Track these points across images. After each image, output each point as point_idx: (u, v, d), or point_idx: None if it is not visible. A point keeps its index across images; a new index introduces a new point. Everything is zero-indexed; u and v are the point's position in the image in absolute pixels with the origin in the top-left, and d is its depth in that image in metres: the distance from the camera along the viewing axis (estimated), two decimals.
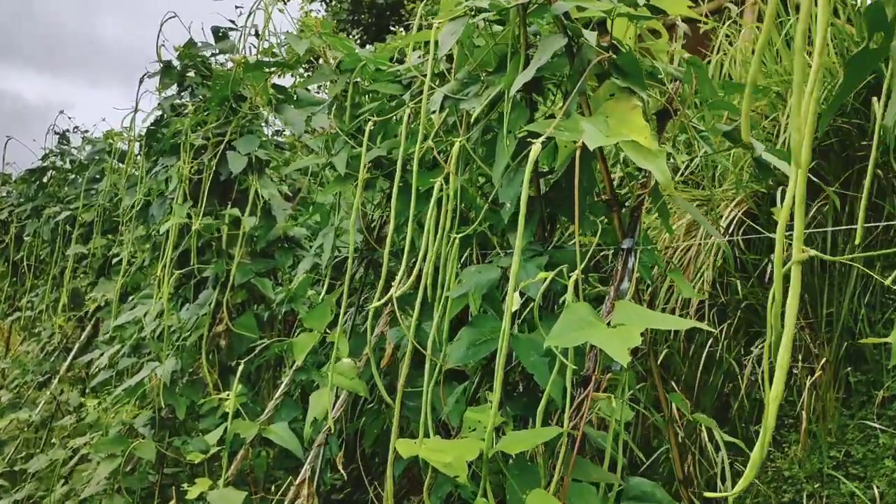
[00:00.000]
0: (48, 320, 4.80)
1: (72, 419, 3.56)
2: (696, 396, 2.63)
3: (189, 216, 2.77)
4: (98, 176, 4.61)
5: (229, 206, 2.84)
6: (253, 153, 2.79)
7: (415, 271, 1.66)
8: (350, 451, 2.68)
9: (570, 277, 1.25)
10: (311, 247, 3.06)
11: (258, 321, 2.87)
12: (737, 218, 2.77)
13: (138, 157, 3.47)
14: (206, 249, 2.96)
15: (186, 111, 2.84)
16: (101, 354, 3.47)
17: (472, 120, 1.62)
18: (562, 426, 1.28)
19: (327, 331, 2.22)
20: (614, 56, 1.44)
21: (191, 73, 2.91)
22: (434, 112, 1.61)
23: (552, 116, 1.40)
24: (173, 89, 3.02)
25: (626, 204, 1.48)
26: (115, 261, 4.24)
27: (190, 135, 2.83)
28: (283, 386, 2.32)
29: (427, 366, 1.48)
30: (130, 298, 3.62)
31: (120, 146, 4.68)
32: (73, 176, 4.91)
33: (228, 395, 2.31)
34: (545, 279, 1.29)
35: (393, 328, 2.03)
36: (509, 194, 1.49)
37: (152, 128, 3.05)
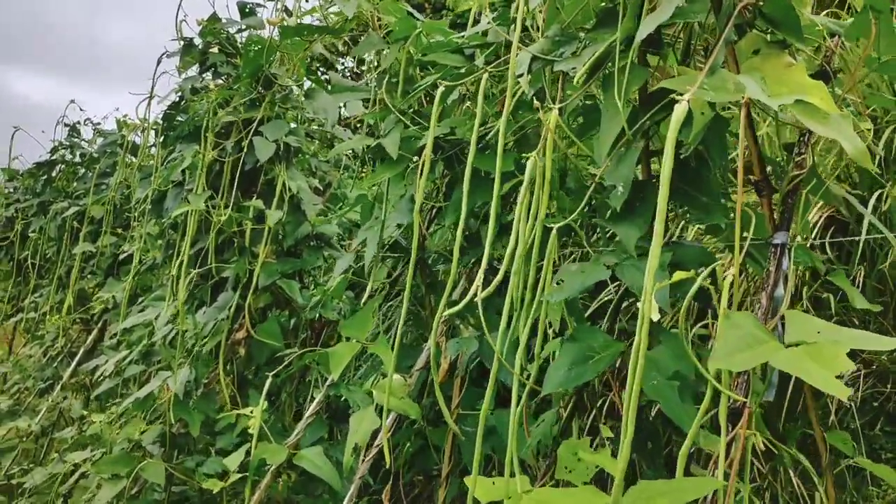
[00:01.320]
0: (52, 321, 4.51)
1: (73, 430, 3.26)
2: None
3: (208, 208, 2.48)
4: (109, 170, 4.33)
5: (254, 198, 2.54)
6: (281, 140, 2.49)
7: (479, 274, 1.36)
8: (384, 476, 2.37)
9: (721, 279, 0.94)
10: (342, 245, 2.77)
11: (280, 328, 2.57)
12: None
13: (153, 146, 3.19)
14: (225, 247, 2.67)
15: (209, 92, 2.55)
16: (107, 361, 3.17)
17: (566, 85, 1.32)
18: (686, 467, 0.97)
19: (367, 341, 1.92)
20: (760, 2, 1.14)
21: (214, 50, 2.63)
22: (521, 75, 1.31)
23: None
24: (194, 70, 2.73)
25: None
26: (125, 258, 3.95)
27: (212, 117, 2.54)
28: (314, 404, 2.01)
29: (514, 388, 1.17)
30: (141, 300, 3.32)
31: (133, 138, 4.41)
32: (83, 170, 4.64)
33: (249, 411, 2.01)
34: (678, 280, 0.98)
35: (451, 339, 1.72)
36: (621, 175, 1.18)
37: (170, 111, 2.76)
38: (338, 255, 2.67)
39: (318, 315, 2.67)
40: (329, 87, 2.67)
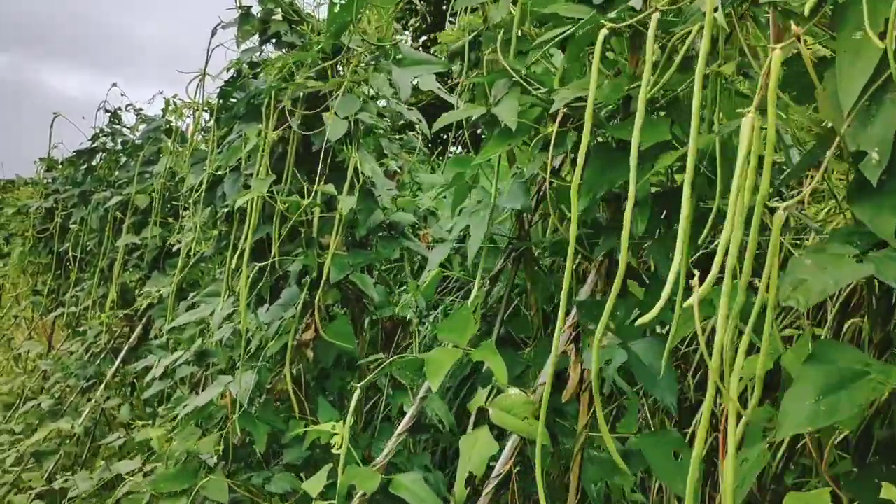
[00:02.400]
0: (94, 318, 4.31)
1: (119, 436, 3.03)
2: None
3: (273, 194, 2.21)
4: (153, 157, 4.10)
5: (321, 183, 2.27)
6: (351, 117, 2.21)
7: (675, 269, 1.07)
8: None
9: None
10: (418, 235, 2.49)
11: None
12: None
13: (206, 128, 2.94)
14: (287, 238, 2.40)
15: (271, 64, 2.28)
16: (159, 360, 2.93)
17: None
18: None
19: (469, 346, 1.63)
20: None
21: (277, 17, 2.35)
22: (717, 10, 1.00)
23: None
24: (254, 41, 2.46)
25: None
26: (175, 250, 3.72)
27: (276, 92, 2.27)
28: (406, 418, 1.73)
29: (731, 418, 0.87)
30: (193, 296, 3.08)
31: (179, 123, 4.17)
32: (125, 158, 4.42)
33: (331, 426, 1.74)
34: None
35: (586, 348, 1.43)
36: (874, 137, 0.88)
37: (226, 87, 2.50)
38: (415, 247, 2.39)
39: (392, 313, 2.40)
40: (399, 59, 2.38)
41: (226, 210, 2.61)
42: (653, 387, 1.27)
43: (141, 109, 4.46)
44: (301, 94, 2.29)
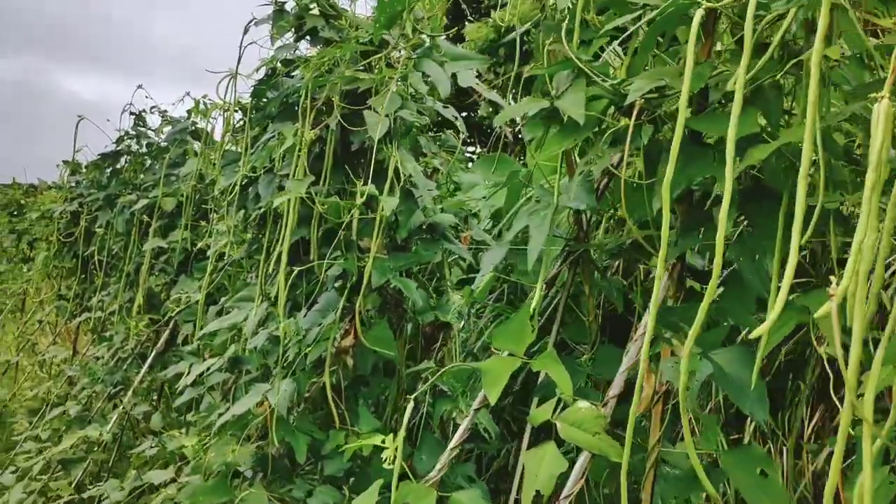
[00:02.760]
0: (120, 322, 4.25)
1: (151, 444, 2.96)
2: None
3: (311, 196, 2.12)
4: (179, 159, 4.03)
5: (360, 183, 2.18)
6: (392, 115, 2.12)
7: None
8: None
9: None
10: (459, 237, 2.40)
11: None
12: None
13: (238, 129, 2.86)
14: (325, 240, 2.31)
15: (307, 61, 2.20)
16: (190, 366, 2.86)
17: None
18: None
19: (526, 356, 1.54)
20: None
21: (314, 11, 2.27)
22: None
23: None
24: (287, 38, 2.38)
25: None
26: (204, 254, 3.65)
27: (312, 90, 2.18)
28: (459, 432, 1.64)
29: (865, 441, 0.77)
30: (224, 301, 3.00)
31: (205, 124, 4.11)
32: (150, 161, 4.36)
33: (381, 440, 1.65)
34: None
35: (663, 358, 1.32)
36: None
37: (259, 86, 2.42)
38: (456, 249, 2.30)
39: (434, 318, 2.30)
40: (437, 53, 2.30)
41: (259, 212, 2.54)
42: (742, 400, 1.17)
43: (165, 111, 4.41)
44: (339, 91, 2.21)
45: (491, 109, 4.37)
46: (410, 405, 1.54)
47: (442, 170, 2.56)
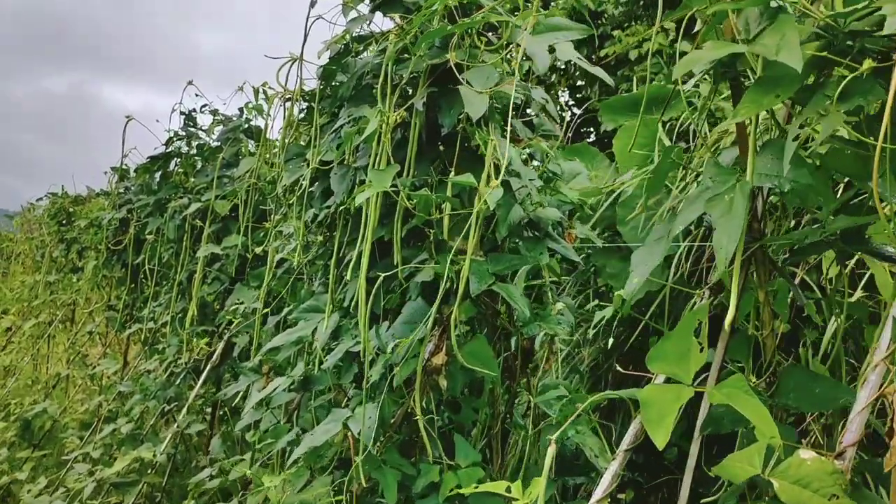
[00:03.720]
0: (173, 335, 4.00)
1: (211, 474, 2.68)
2: None
3: (395, 188, 1.81)
4: (233, 160, 3.77)
5: (453, 173, 1.86)
6: (488, 92, 1.80)
7: None
8: None
9: None
10: (563, 234, 2.06)
11: None
12: None
13: (299, 120, 2.57)
14: (407, 240, 2.00)
15: (387, 35, 1.88)
16: (251, 384, 2.57)
17: None
18: None
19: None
20: None
21: None
22: None
23: None
24: (361, 9, 2.08)
25: None
26: (261, 261, 3.38)
27: (393, 67, 1.87)
28: (604, 481, 1.29)
29: None
30: (287, 311, 2.71)
31: (258, 122, 3.84)
32: (202, 162, 4.11)
33: (460, 465, 1.32)
34: None
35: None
36: None
37: (329, 66, 2.12)
38: (562, 249, 1.96)
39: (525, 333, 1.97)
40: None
41: (328, 211, 2.24)
42: None
43: (217, 110, 4.15)
44: (425, 67, 1.89)
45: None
46: (552, 450, 1.20)
47: (536, 157, 2.22)
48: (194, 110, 4.27)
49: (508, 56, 1.99)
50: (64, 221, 6.76)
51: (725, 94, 3.38)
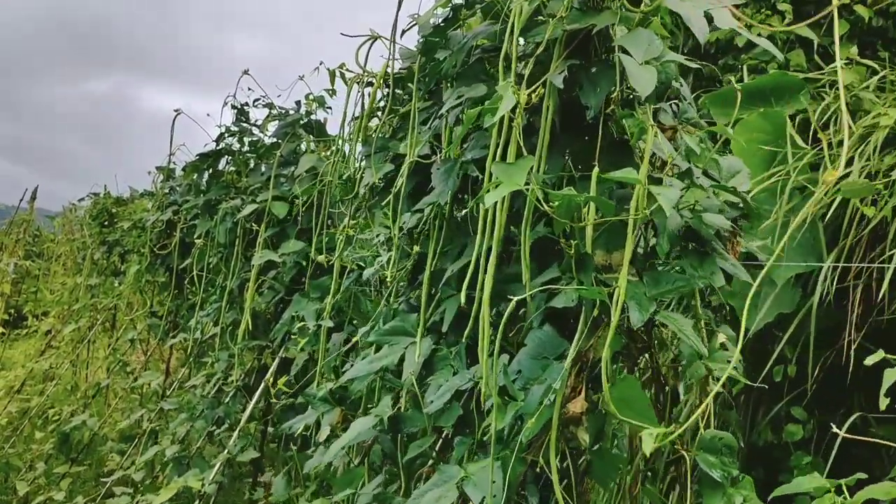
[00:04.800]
0: (223, 349, 3.66)
1: None
2: None
3: (532, 186, 1.40)
4: (291, 157, 3.41)
5: (601, 167, 1.45)
6: (656, 63, 1.39)
7: None
8: None
9: None
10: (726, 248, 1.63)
11: None
12: None
13: (382, 105, 2.19)
14: (534, 253, 1.59)
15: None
16: (321, 416, 2.20)
17: None
18: None
19: None
20: None
21: None
22: None
23: None
24: None
25: None
26: (322, 269, 3.01)
27: (519, 32, 1.47)
28: None
29: None
30: (363, 331, 2.33)
31: (318, 116, 3.48)
32: (257, 161, 3.76)
33: None
34: None
35: None
36: None
37: (432, 38, 1.73)
38: (732, 268, 1.54)
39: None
40: None
41: (428, 213, 1.85)
42: None
43: (272, 104, 3.79)
44: (560, 33, 1.49)
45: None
46: None
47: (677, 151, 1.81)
48: (247, 104, 3.92)
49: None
50: (106, 223, 6.50)
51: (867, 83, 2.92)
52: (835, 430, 1.68)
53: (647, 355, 1.59)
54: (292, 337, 3.15)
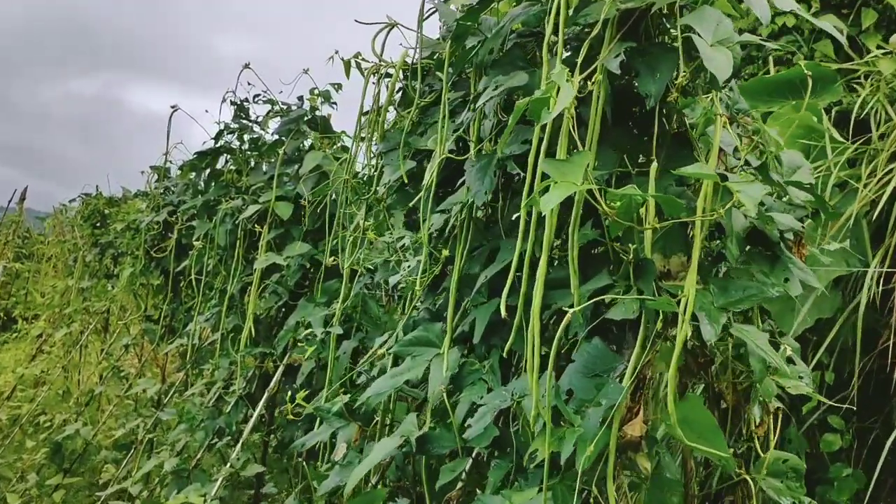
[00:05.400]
0: (223, 356, 3.49)
1: None
2: None
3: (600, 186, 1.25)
4: (295, 155, 3.25)
5: (661, 161, 1.29)
6: (729, 46, 1.24)
7: None
8: None
9: None
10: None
11: None
12: None
13: (400, 96, 2.03)
14: (587, 259, 1.44)
15: None
16: (335, 433, 2.04)
17: None
18: None
19: None
20: None
21: None
22: None
23: None
24: None
25: None
26: (330, 272, 2.85)
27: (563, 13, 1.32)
28: None
29: None
30: (381, 340, 2.17)
31: (323, 111, 3.32)
32: (258, 159, 3.59)
33: None
34: None
35: None
36: None
37: (465, 21, 1.57)
38: (801, 273, 1.39)
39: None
40: None
41: (458, 214, 1.69)
42: None
43: (273, 100, 3.62)
44: (613, 13, 1.33)
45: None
46: None
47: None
48: (246, 100, 3.76)
49: None
50: (98, 224, 6.32)
51: None
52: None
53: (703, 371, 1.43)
54: (299, 344, 2.98)
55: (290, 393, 2.14)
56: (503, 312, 1.38)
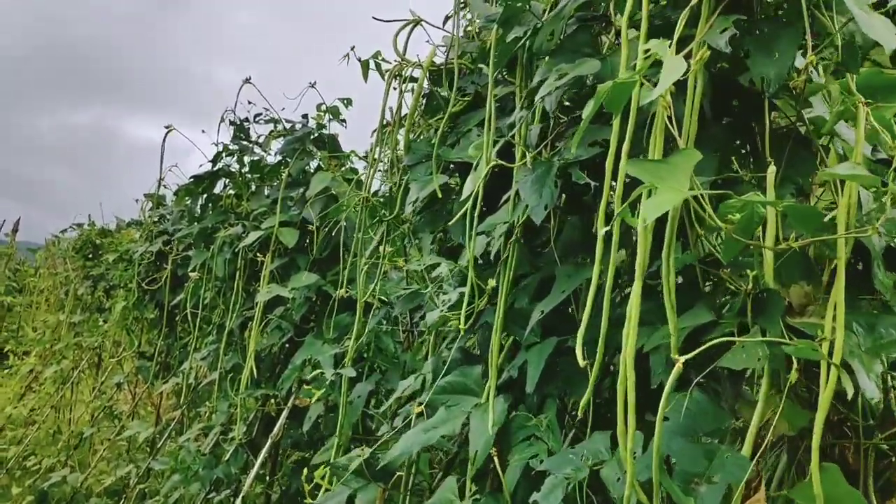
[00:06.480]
0: (222, 398, 3.18)
1: None
2: None
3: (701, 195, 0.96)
4: (301, 177, 2.96)
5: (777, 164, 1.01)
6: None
7: None
8: None
9: None
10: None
11: None
12: None
13: (425, 99, 1.75)
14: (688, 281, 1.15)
15: None
16: (354, 494, 1.73)
17: None
18: None
19: None
20: None
21: None
22: None
23: None
24: None
25: None
26: (346, 304, 2.55)
27: None
28: None
29: None
30: (406, 385, 1.87)
31: (330, 128, 3.04)
32: (259, 183, 3.31)
33: None
34: None
35: None
36: None
37: (514, 3, 1.29)
38: None
39: None
40: None
41: (502, 237, 1.40)
42: None
43: (275, 119, 3.35)
44: None
45: None
46: None
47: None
48: (246, 120, 3.49)
49: None
50: (90, 255, 6.02)
51: None
52: None
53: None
54: (305, 387, 2.68)
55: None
56: (579, 357, 1.08)
